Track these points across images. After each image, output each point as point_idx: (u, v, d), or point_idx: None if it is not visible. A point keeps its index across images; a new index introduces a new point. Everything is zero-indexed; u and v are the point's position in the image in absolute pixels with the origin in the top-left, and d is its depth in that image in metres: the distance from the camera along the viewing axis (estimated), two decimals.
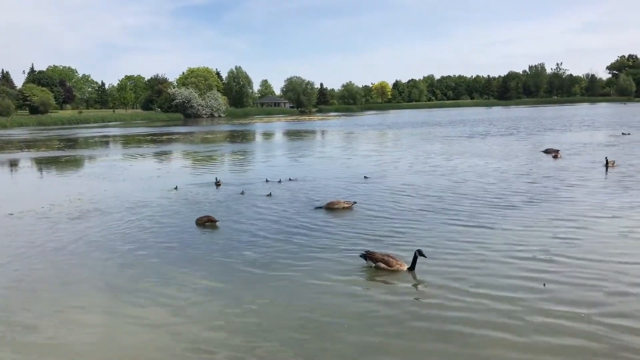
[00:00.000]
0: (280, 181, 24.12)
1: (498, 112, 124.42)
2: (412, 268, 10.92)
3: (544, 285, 9.80)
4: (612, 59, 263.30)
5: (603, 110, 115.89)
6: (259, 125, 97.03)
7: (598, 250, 11.88)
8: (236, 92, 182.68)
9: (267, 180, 24.81)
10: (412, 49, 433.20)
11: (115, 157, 40.12)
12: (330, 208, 17.47)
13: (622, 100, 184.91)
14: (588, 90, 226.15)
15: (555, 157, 30.21)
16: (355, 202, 17.82)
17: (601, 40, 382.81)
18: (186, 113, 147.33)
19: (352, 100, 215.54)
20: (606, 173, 23.30)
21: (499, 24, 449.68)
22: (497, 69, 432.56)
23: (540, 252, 11.83)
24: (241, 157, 38.67)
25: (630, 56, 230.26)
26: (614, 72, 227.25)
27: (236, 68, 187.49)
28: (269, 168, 30.30)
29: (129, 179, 27.21)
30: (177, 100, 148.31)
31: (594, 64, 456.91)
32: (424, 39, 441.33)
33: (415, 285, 10.26)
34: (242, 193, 21.63)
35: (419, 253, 10.83)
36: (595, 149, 34.35)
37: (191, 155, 41.48)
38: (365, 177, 24.97)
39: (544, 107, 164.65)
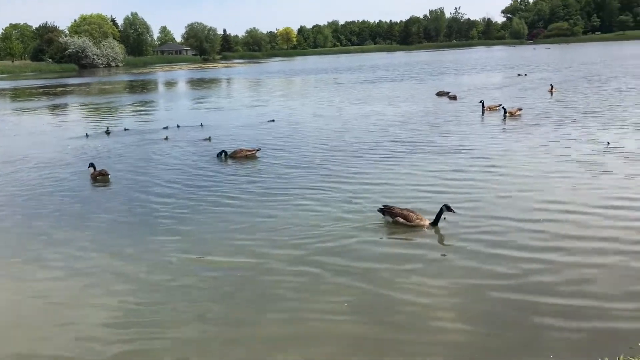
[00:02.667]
0: (178, 126, 23.86)
1: (401, 57, 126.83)
2: (435, 223, 9.97)
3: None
4: (507, 2, 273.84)
5: (499, 53, 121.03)
6: (160, 74, 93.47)
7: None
8: (134, 40, 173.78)
9: (165, 127, 24.59)
10: None
11: (4, 112, 37.55)
12: (233, 157, 17.42)
13: (515, 43, 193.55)
14: (484, 34, 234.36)
15: (451, 98, 31.54)
16: (259, 149, 17.86)
17: None
18: (81, 63, 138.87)
19: (257, 47, 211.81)
20: (504, 120, 24.54)
21: None
22: (399, 14, 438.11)
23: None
24: (142, 108, 37.39)
25: (522, 0, 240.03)
26: (508, 15, 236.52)
27: (132, 15, 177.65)
28: (171, 117, 29.60)
29: (20, 134, 25.73)
30: (71, 50, 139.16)
31: (490, 8, 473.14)
32: None
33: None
34: (166, 138, 21.63)
35: (447, 208, 9.80)
36: (491, 91, 36.14)
37: (88, 107, 39.55)
38: (271, 120, 25.38)
39: (444, 51, 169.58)
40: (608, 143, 16.62)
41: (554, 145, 16.81)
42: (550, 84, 33.39)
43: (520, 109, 24.03)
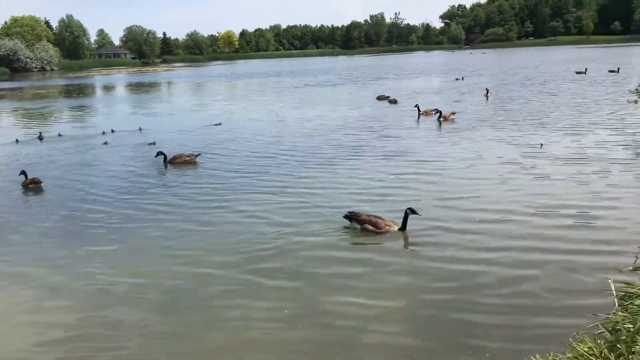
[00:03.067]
0: (112, 131, 23.22)
1: (343, 61, 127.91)
2: (403, 228, 9.86)
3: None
4: (444, 8, 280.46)
5: (437, 57, 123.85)
6: (97, 78, 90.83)
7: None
8: (70, 43, 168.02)
9: (103, 133, 23.98)
10: None
11: None
12: (172, 162, 17.09)
13: (453, 48, 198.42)
14: (424, 39, 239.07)
15: (391, 102, 32.01)
16: (199, 154, 17.57)
17: None
18: (13, 67, 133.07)
19: (198, 50, 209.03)
20: (439, 124, 25.07)
21: None
22: (340, 19, 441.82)
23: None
24: (78, 112, 36.23)
25: (459, 6, 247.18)
26: (446, 21, 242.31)
27: (68, 17, 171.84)
28: (109, 121, 28.75)
29: None
30: (1, 53, 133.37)
31: (429, 13, 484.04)
32: None
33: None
34: (106, 143, 21.14)
35: (411, 211, 9.74)
36: (430, 95, 36.91)
37: (20, 112, 37.96)
38: (218, 123, 25.32)
39: (385, 55, 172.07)
40: (541, 145, 17.21)
41: (489, 148, 17.24)
42: (486, 89, 34.26)
43: (454, 113, 24.41)
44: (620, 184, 12.34)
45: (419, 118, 25.22)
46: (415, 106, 26.47)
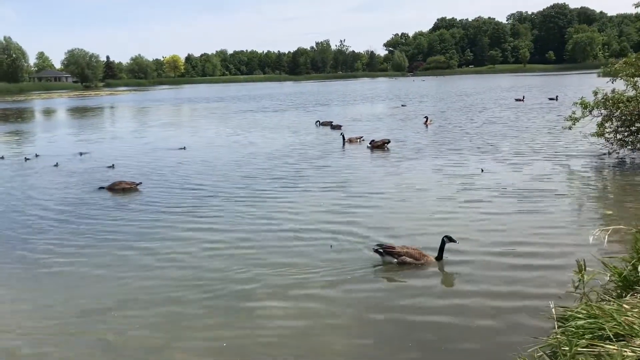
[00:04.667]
0: (57, 164, 22.26)
1: (290, 87, 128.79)
2: (439, 258, 9.51)
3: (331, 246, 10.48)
4: (388, 36, 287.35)
5: (382, 84, 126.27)
6: (37, 102, 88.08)
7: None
8: (8, 65, 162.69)
9: (25, 159, 23.15)
10: (203, 22, 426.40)
11: None
12: (111, 189, 16.57)
13: (397, 75, 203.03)
14: (369, 65, 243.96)
15: (334, 128, 32.10)
16: (140, 183, 17.09)
17: (378, 19, 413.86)
18: None
19: (143, 74, 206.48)
20: (371, 152, 25.24)
21: (287, 1, 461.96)
22: (287, 45, 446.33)
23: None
24: (17, 137, 34.88)
25: (402, 34, 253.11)
26: (390, 49, 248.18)
27: (6, 39, 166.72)
28: (50, 147, 27.82)
29: None
30: None
31: (373, 41, 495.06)
32: (214, 12, 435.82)
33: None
34: (112, 166, 20.88)
35: (448, 239, 9.43)
36: (377, 120, 37.47)
37: None
38: (182, 148, 25.39)
39: (331, 81, 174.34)
40: (482, 170, 17.63)
41: (428, 177, 17.33)
42: (425, 116, 34.40)
43: (386, 141, 23.83)
44: (556, 209, 12.69)
45: (343, 146, 25.09)
46: (341, 134, 26.34)
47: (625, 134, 18.58)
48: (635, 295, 4.77)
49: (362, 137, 25.91)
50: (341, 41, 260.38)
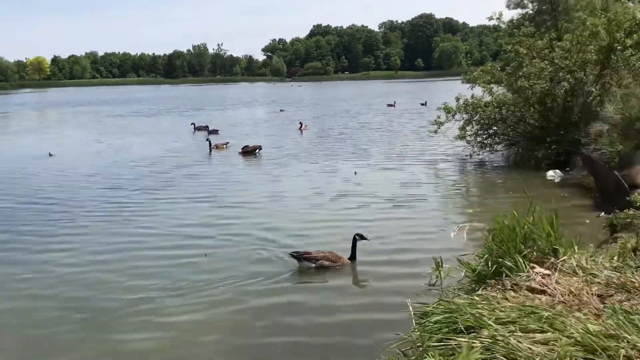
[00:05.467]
0: None
1: (166, 91, 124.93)
2: (353, 258, 9.58)
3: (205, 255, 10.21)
4: (266, 42, 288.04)
5: (260, 89, 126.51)
6: None
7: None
8: None
9: None
10: (71, 21, 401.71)
11: None
12: None
13: (275, 80, 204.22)
14: (247, 70, 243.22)
15: (211, 133, 31.53)
16: None
17: (256, 24, 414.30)
18: None
19: (3, 77, 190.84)
20: (243, 157, 24.89)
21: (164, 3, 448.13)
22: (162, 48, 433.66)
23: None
24: None
25: (280, 40, 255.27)
26: (268, 54, 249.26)
27: None
28: None
29: None
30: None
31: (251, 46, 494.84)
32: (82, 11, 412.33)
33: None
34: None
35: (359, 237, 9.52)
36: (254, 125, 37.36)
37: None
38: (50, 154, 23.78)
39: (210, 85, 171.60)
40: (355, 173, 18.16)
41: (302, 182, 17.52)
42: (300, 122, 34.36)
43: (258, 147, 23.45)
44: (424, 211, 13.36)
45: (210, 152, 24.43)
46: (207, 140, 25.65)
47: (484, 136, 19.99)
48: (486, 289, 5.08)
49: (227, 142, 25.66)
50: (219, 45, 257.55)
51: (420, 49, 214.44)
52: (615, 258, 5.46)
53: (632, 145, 12.33)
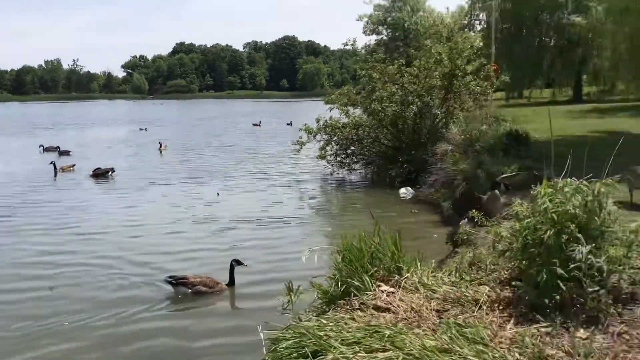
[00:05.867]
0: None
1: (15, 108, 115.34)
2: (232, 284, 9.39)
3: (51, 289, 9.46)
4: (126, 58, 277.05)
5: (120, 107, 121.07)
6: None
7: None
8: None
9: None
10: None
11: None
12: None
13: (137, 97, 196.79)
14: (106, 87, 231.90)
15: (62, 154, 29.59)
16: None
17: (115, 40, 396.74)
18: None
19: None
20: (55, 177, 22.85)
21: (7, 16, 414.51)
22: (10, 62, 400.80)
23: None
24: None
25: (141, 56, 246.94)
26: (129, 70, 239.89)
27: None
28: None
29: None
30: None
31: (110, 62, 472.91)
32: None
33: None
34: None
35: (236, 262, 9.39)
36: (112, 145, 35.54)
37: None
38: None
39: (65, 103, 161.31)
40: (218, 194, 17.95)
41: (161, 205, 16.91)
42: (159, 142, 32.83)
43: (110, 170, 22.30)
44: (286, 232, 13.47)
45: (55, 176, 22.82)
46: (51, 163, 23.69)
47: (343, 156, 20.73)
48: (336, 309, 5.20)
49: (74, 164, 24.17)
50: (74, 61, 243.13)
51: (284, 69, 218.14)
52: (453, 273, 5.84)
53: (473, 163, 13.38)
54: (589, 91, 49.81)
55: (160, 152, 31.17)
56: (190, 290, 9.15)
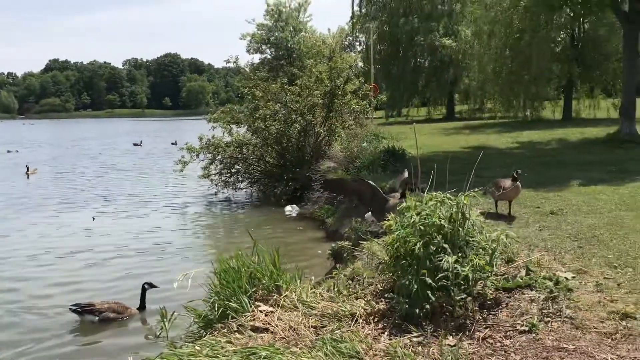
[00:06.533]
0: None
1: None
2: (143, 307, 8.85)
3: None
4: None
5: None
6: None
7: None
8: None
9: None
10: None
11: None
12: None
13: (6, 117, 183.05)
14: None
15: None
16: None
17: None
18: None
19: None
20: None
21: None
22: None
23: None
24: None
25: (9, 73, 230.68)
26: None
27: None
28: None
29: None
30: None
31: None
32: None
33: None
34: None
35: (149, 285, 8.98)
36: None
37: None
38: None
39: None
40: (93, 219, 16.98)
41: (30, 235, 15.36)
42: (26, 165, 30.27)
43: None
44: (169, 256, 12.89)
45: None
46: None
47: (227, 175, 20.46)
48: (213, 334, 5.05)
49: None
50: None
51: (167, 87, 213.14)
52: (332, 288, 5.89)
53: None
54: (460, 109, 53.31)
55: (28, 175, 28.81)
56: (97, 318, 8.56)
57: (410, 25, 44.33)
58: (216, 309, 5.35)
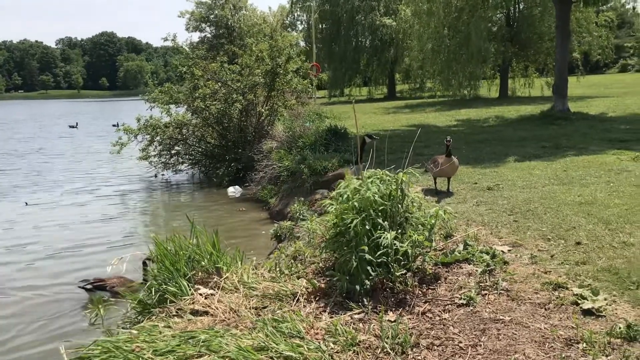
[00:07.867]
0: None
1: None
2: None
3: None
4: None
5: None
6: None
7: None
8: None
9: None
10: None
11: None
12: None
13: None
14: None
15: None
16: None
17: None
18: None
19: None
20: None
21: None
22: None
23: None
24: None
25: None
26: None
27: None
28: None
29: None
30: None
31: None
32: None
33: None
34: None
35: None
36: None
37: None
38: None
39: None
40: (26, 203, 16.31)
41: None
42: None
43: None
44: (106, 241, 12.47)
45: None
46: None
47: (167, 156, 19.99)
48: (151, 318, 4.91)
49: None
50: None
51: (103, 67, 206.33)
52: (273, 268, 5.83)
53: (297, 159, 13.61)
54: (401, 89, 53.91)
55: None
56: (109, 293, 8.36)
57: (350, 3, 44.30)
58: (154, 293, 5.20)
